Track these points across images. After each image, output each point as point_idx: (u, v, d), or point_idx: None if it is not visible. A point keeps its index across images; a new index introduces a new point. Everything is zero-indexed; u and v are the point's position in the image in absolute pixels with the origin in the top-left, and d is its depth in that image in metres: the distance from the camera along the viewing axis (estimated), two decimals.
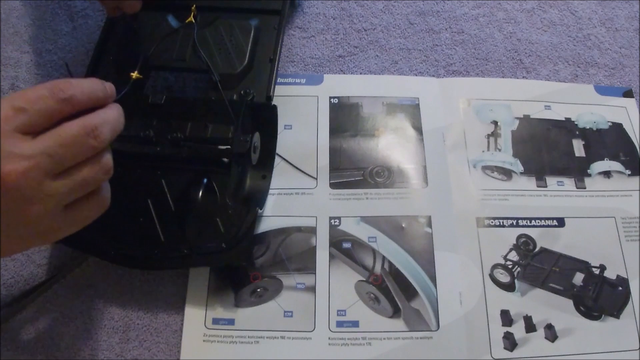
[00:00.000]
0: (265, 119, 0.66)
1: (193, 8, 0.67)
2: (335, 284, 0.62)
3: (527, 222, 0.67)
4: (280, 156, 0.69)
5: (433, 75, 0.77)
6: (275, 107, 0.66)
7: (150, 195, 0.60)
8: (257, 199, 0.65)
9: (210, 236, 0.59)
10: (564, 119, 0.74)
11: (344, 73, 0.76)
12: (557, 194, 0.69)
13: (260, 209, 0.65)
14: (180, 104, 0.62)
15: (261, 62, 0.67)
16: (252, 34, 0.68)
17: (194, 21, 0.67)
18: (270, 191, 0.67)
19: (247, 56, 0.67)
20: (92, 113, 0.47)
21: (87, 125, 0.46)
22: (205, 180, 0.60)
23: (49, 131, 0.44)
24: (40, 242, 0.48)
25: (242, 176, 0.65)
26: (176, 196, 0.60)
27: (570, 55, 0.80)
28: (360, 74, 0.76)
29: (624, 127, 0.74)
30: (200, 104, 0.62)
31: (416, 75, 0.77)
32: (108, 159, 0.49)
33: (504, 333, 0.61)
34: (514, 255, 0.65)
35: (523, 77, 0.77)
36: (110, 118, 0.48)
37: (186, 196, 0.60)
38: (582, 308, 0.62)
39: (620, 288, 0.64)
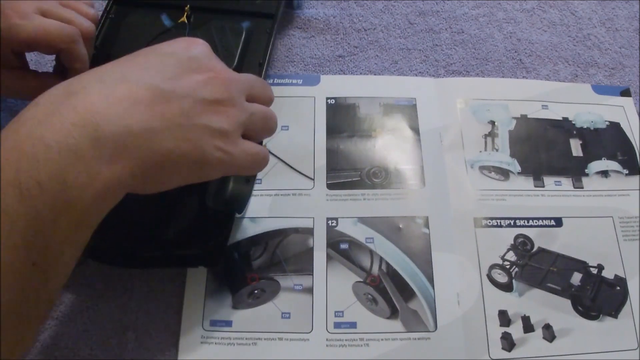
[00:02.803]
0: None
1: (187, 8, 0.67)
2: (333, 285, 0.62)
3: (524, 222, 0.66)
4: (277, 157, 0.69)
5: (433, 75, 0.77)
6: None
7: (130, 195, 0.60)
8: (239, 202, 0.65)
9: (186, 238, 0.58)
10: (561, 119, 0.74)
11: (344, 73, 0.76)
12: (555, 194, 0.68)
13: (239, 214, 0.64)
14: None
15: (250, 66, 0.67)
16: (242, 37, 0.68)
17: (186, 21, 0.67)
18: (267, 192, 0.67)
19: (237, 59, 0.66)
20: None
21: (261, 80, 0.54)
22: None
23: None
24: (198, 172, 0.48)
25: (224, 179, 0.65)
26: (155, 197, 0.60)
27: (570, 55, 0.79)
28: (360, 74, 0.76)
29: (622, 126, 0.74)
30: None
31: (416, 75, 0.77)
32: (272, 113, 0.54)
33: (502, 333, 0.61)
34: (511, 256, 0.65)
35: (523, 77, 0.77)
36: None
37: (165, 197, 0.60)
38: (580, 308, 0.62)
39: (618, 288, 0.64)
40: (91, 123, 0.39)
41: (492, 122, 0.73)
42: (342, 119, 0.72)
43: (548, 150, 0.71)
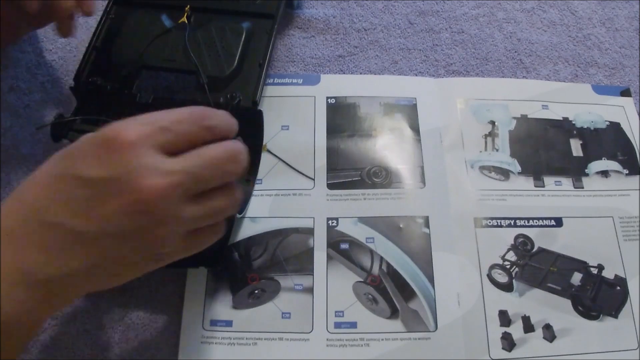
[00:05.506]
0: (250, 124, 0.65)
1: (187, 8, 0.67)
2: (333, 285, 0.62)
3: (524, 222, 0.66)
4: (277, 157, 0.69)
5: (433, 75, 0.77)
6: (260, 112, 0.65)
7: None
8: None
9: None
10: (561, 119, 0.74)
11: (344, 73, 0.76)
12: (555, 194, 0.68)
13: (240, 214, 0.65)
14: (168, 104, 0.62)
15: (250, 66, 0.67)
16: (243, 38, 0.68)
17: (186, 22, 0.67)
18: (268, 192, 0.67)
19: (237, 59, 0.66)
20: (230, 140, 0.45)
21: (229, 150, 0.44)
22: None
23: (190, 152, 0.43)
24: (151, 266, 0.45)
25: None
26: None
27: (570, 55, 0.79)
28: (360, 74, 0.76)
29: (622, 126, 0.74)
30: (186, 105, 0.62)
31: (416, 75, 0.77)
32: (240, 192, 0.47)
33: (502, 333, 0.61)
34: (512, 256, 0.64)
35: (523, 77, 0.77)
36: (244, 149, 0.46)
37: None
38: (580, 308, 0.62)
39: (619, 288, 0.64)
40: (26, 273, 0.40)
41: (492, 122, 0.73)
42: (342, 118, 0.72)
43: (548, 150, 0.71)
